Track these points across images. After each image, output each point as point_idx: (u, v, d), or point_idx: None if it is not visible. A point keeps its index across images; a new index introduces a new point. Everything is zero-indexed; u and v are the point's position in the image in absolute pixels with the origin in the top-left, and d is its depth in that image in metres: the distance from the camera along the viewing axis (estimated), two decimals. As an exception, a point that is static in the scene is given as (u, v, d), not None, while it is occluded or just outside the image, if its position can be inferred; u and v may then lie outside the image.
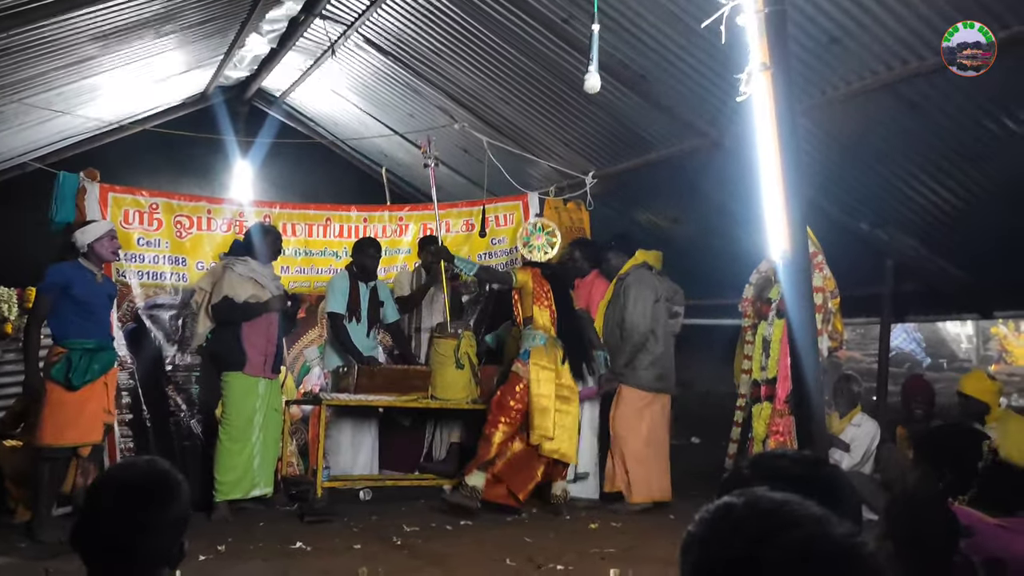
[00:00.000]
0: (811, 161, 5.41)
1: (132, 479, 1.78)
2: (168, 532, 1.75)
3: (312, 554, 4.58)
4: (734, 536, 0.95)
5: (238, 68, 8.11)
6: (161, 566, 1.76)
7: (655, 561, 4.49)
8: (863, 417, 6.22)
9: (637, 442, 6.03)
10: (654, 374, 6.11)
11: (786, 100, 2.68)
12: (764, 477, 1.41)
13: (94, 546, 1.74)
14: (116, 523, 1.71)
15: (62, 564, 4.26)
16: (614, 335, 6.15)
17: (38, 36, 5.05)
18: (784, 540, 0.92)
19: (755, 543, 0.93)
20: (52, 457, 4.84)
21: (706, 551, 0.97)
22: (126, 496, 1.73)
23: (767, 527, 0.94)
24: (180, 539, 1.79)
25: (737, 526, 0.96)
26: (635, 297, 6.08)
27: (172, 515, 1.76)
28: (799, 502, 0.97)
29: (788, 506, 0.97)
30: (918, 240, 5.84)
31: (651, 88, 5.63)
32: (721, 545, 0.96)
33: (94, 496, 1.80)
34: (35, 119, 6.72)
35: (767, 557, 0.92)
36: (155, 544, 1.73)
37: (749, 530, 0.95)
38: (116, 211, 6.17)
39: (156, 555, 1.74)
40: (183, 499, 1.80)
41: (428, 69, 6.94)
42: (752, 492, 1.00)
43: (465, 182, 8.69)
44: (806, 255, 2.75)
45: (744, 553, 0.93)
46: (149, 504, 1.73)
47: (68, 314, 4.92)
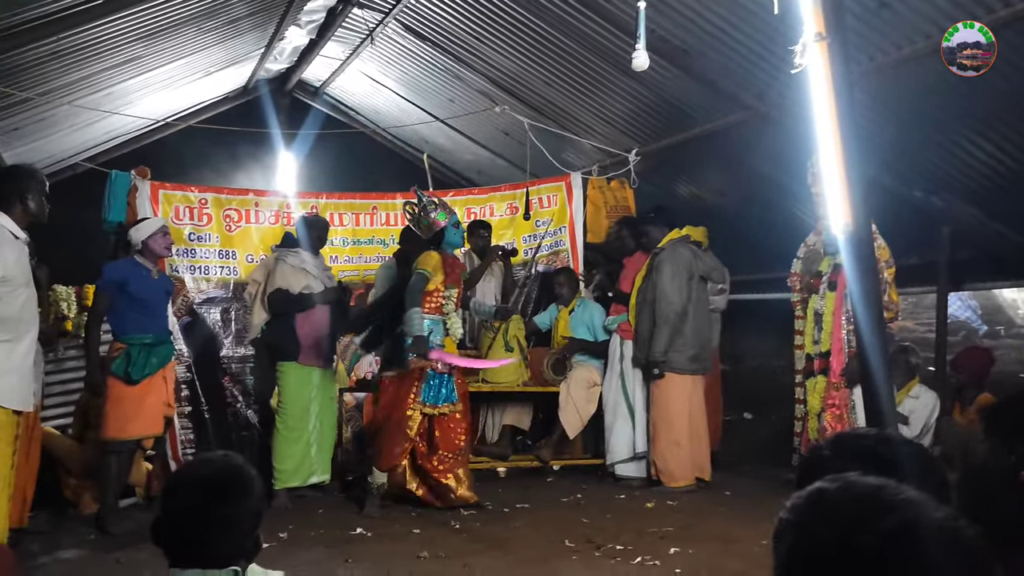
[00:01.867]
0: (862, 130, 5.28)
1: (209, 475, 1.82)
2: (244, 526, 1.80)
3: (372, 539, 4.64)
4: (830, 521, 0.94)
5: (278, 60, 8.17)
6: (238, 558, 1.80)
7: (714, 539, 4.48)
8: (921, 388, 6.11)
9: (676, 428, 5.91)
10: (688, 355, 5.94)
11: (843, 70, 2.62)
12: (846, 458, 1.38)
13: (173, 541, 1.78)
14: (195, 518, 1.76)
15: (133, 554, 4.39)
16: (650, 315, 5.96)
17: (86, 38, 5.14)
18: (882, 525, 0.91)
19: (852, 528, 0.92)
20: (117, 450, 4.96)
21: (801, 536, 0.96)
22: (204, 491, 1.77)
23: (864, 512, 0.93)
24: (255, 532, 1.83)
25: (833, 511, 0.95)
26: (669, 273, 5.89)
27: (248, 509, 1.80)
28: (895, 486, 0.96)
29: (884, 490, 0.95)
30: (975, 206, 5.69)
31: (693, 62, 5.55)
32: (817, 530, 0.95)
33: (172, 492, 1.85)
34: (85, 120, 6.84)
35: (865, 543, 0.90)
36: (232, 538, 1.78)
37: (845, 515, 0.93)
38: (167, 208, 6.28)
39: (233, 548, 1.79)
40: (257, 493, 1.84)
41: (467, 53, 6.92)
42: (845, 477, 0.99)
43: (507, 165, 8.67)
44: (868, 228, 2.70)
45: (841, 539, 0.92)
46: (226, 499, 1.77)
47: (126, 310, 5.02)
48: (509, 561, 4.18)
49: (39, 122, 6.33)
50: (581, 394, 6.42)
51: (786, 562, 0.98)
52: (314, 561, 4.19)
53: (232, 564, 1.78)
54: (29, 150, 6.75)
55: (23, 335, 3.76)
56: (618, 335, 6.34)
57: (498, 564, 4.12)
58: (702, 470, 6.00)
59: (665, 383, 5.94)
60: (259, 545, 1.85)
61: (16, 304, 3.72)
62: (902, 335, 10.25)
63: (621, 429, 6.21)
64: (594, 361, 6.58)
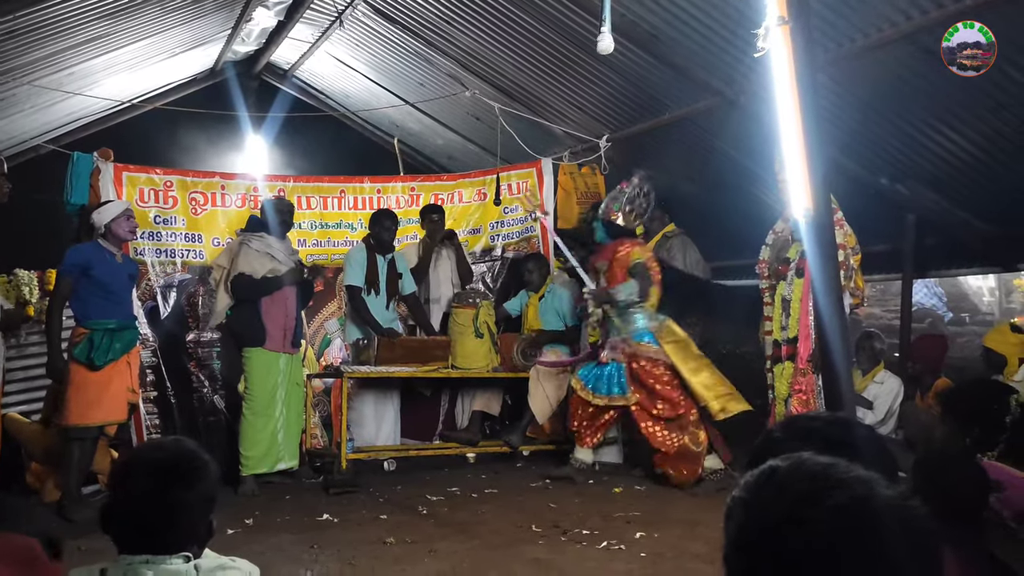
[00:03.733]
0: (828, 116, 5.31)
1: (161, 460, 1.78)
2: (197, 511, 1.77)
3: (339, 525, 4.62)
4: (779, 497, 0.93)
5: (246, 43, 8.06)
6: (191, 544, 1.78)
7: (680, 523, 4.51)
8: (886, 374, 6.18)
9: None
10: None
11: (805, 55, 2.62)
12: (797, 440, 1.38)
13: (125, 527, 1.76)
14: (146, 503, 1.73)
15: (93, 542, 4.33)
16: None
17: (45, 16, 5.02)
18: (831, 501, 0.90)
19: (800, 504, 0.91)
20: (79, 437, 4.89)
21: (750, 513, 0.96)
22: (156, 477, 1.74)
23: (813, 488, 0.92)
24: (209, 518, 1.80)
25: (782, 488, 0.94)
26: (683, 258, 6.12)
27: (201, 494, 1.77)
28: (846, 465, 0.95)
29: (834, 468, 0.95)
30: (940, 193, 5.75)
31: (663, 47, 5.54)
32: (765, 506, 0.94)
33: (123, 477, 1.81)
34: (47, 101, 6.71)
35: (812, 517, 0.90)
36: (185, 523, 1.75)
37: (794, 491, 0.93)
38: (131, 190, 6.19)
39: (186, 534, 1.76)
40: (211, 478, 1.81)
41: (437, 36, 6.86)
42: (797, 455, 0.98)
43: (478, 150, 8.63)
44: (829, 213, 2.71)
45: (789, 514, 0.91)
46: (178, 484, 1.74)
47: (89, 295, 4.95)
48: (475, 545, 4.18)
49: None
50: (551, 380, 6.43)
51: (735, 539, 0.97)
52: (280, 547, 4.17)
53: (184, 550, 1.75)
54: (-11, 130, 6.62)
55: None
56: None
57: (464, 548, 4.12)
58: None
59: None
60: (212, 531, 1.82)
61: (-29, 288, 3.65)
62: (869, 321, 10.36)
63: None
64: (563, 348, 6.59)
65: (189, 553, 1.76)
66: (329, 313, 6.95)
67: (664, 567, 3.79)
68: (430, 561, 3.92)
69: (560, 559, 3.95)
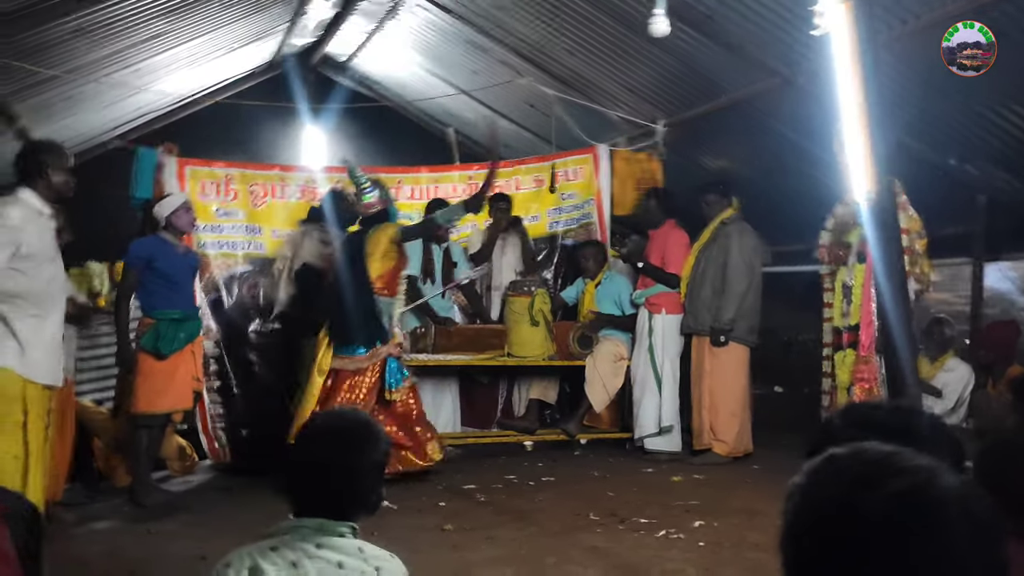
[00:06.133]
0: (893, 96, 5.14)
1: (344, 426, 1.88)
2: (371, 476, 1.86)
3: (399, 512, 4.67)
4: (836, 482, 0.91)
5: (303, 35, 8.15)
6: (363, 510, 1.87)
7: (739, 512, 4.45)
8: (956, 362, 6.00)
9: (734, 397, 5.97)
10: (747, 326, 6.01)
11: (867, 33, 2.54)
12: (857, 428, 1.34)
13: (305, 490, 1.84)
14: (330, 468, 1.81)
15: (162, 525, 4.48)
16: (712, 282, 5.97)
17: (109, 15, 5.15)
18: (890, 487, 0.87)
19: (858, 488, 0.88)
20: (147, 424, 5.03)
21: (807, 497, 0.93)
22: (340, 442, 1.83)
23: (872, 473, 0.89)
24: (379, 486, 1.89)
25: (840, 473, 0.91)
26: (740, 245, 5.94)
27: (376, 459, 1.87)
28: (910, 453, 0.92)
29: (897, 455, 0.91)
30: (1011, 173, 5.54)
31: (718, 28, 5.43)
32: (822, 491, 0.92)
33: (307, 444, 1.90)
34: (113, 97, 6.89)
35: (868, 502, 0.87)
36: (361, 488, 1.84)
37: (852, 476, 0.90)
38: (193, 184, 6.32)
39: (360, 499, 1.86)
40: (383, 447, 1.89)
41: (490, 24, 6.84)
42: (860, 444, 0.95)
43: (532, 137, 8.60)
44: (892, 196, 2.63)
45: (845, 498, 0.89)
46: (360, 448, 1.83)
47: (153, 286, 5.08)
48: (532, 533, 4.20)
49: (67, 100, 6.38)
50: (608, 368, 6.40)
51: (792, 523, 0.95)
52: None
53: (354, 517, 1.84)
54: (59, 128, 6.80)
55: (51, 310, 3.79)
56: (646, 309, 6.30)
57: (521, 536, 4.14)
58: (747, 445, 6.05)
59: (726, 352, 5.96)
60: (381, 498, 1.91)
61: (42, 279, 3.76)
62: (939, 307, 10.04)
63: (649, 403, 6.20)
64: (621, 335, 6.55)
65: (355, 524, 1.83)
66: (387, 303, 7.00)
67: (722, 556, 3.75)
68: (488, 548, 3.94)
69: (617, 547, 3.93)
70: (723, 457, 5.89)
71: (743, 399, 6.03)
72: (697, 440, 6.07)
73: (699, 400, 6.05)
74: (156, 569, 3.74)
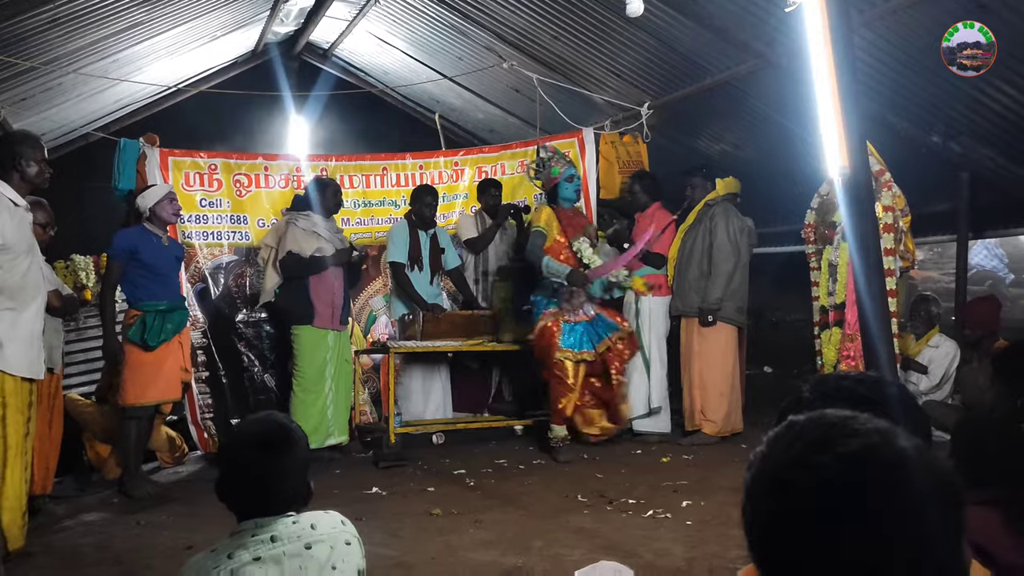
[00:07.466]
0: (875, 74, 5.16)
1: (266, 431, 1.96)
2: (300, 473, 1.96)
3: (387, 498, 4.69)
4: (792, 445, 0.91)
5: (285, 23, 8.10)
6: (297, 504, 1.97)
7: (726, 490, 4.48)
8: (941, 338, 6.04)
9: (723, 377, 5.99)
10: (735, 307, 6.04)
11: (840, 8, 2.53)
12: (825, 398, 1.35)
13: (241, 494, 1.94)
14: (261, 471, 1.91)
15: (152, 516, 4.48)
16: (699, 264, 6.01)
17: (84, 6, 5.10)
18: (842, 448, 0.88)
19: (811, 449, 0.89)
20: (136, 416, 5.03)
21: (764, 461, 0.94)
22: (266, 446, 1.92)
23: (826, 436, 0.90)
24: (307, 479, 1.99)
25: (797, 436, 0.92)
26: (725, 226, 5.96)
27: (301, 457, 1.97)
28: (867, 417, 0.92)
29: (853, 419, 0.92)
30: (995, 150, 5.55)
31: (700, 10, 5.42)
32: (778, 454, 0.92)
33: (235, 450, 1.99)
34: (92, 89, 6.84)
35: (822, 463, 0.87)
36: (289, 484, 1.94)
37: (807, 438, 0.91)
38: (177, 174, 6.29)
39: (292, 494, 1.95)
40: (303, 443, 2.00)
41: (473, 9, 6.81)
42: (820, 411, 0.96)
43: (518, 122, 8.58)
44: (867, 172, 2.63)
45: (799, 460, 0.89)
46: (285, 450, 1.93)
47: (138, 278, 5.06)
48: (520, 516, 4.21)
49: (46, 91, 6.33)
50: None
51: (750, 489, 0.96)
52: (329, 520, 4.24)
53: (290, 510, 1.94)
54: (39, 119, 6.76)
55: (27, 303, 3.75)
56: (632, 291, 6.30)
57: (509, 519, 4.15)
58: (736, 424, 6.07)
59: (714, 332, 6.00)
60: (311, 491, 2.00)
61: (18, 272, 3.72)
62: (926, 285, 10.10)
63: (638, 384, 6.20)
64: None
65: (293, 513, 1.94)
66: (375, 290, 7.00)
67: (709, 534, 3.77)
68: (475, 531, 3.96)
69: (605, 528, 3.95)
70: (712, 437, 5.93)
71: (732, 379, 6.06)
72: (688, 421, 6.10)
73: (689, 381, 6.09)
74: (146, 560, 3.74)
